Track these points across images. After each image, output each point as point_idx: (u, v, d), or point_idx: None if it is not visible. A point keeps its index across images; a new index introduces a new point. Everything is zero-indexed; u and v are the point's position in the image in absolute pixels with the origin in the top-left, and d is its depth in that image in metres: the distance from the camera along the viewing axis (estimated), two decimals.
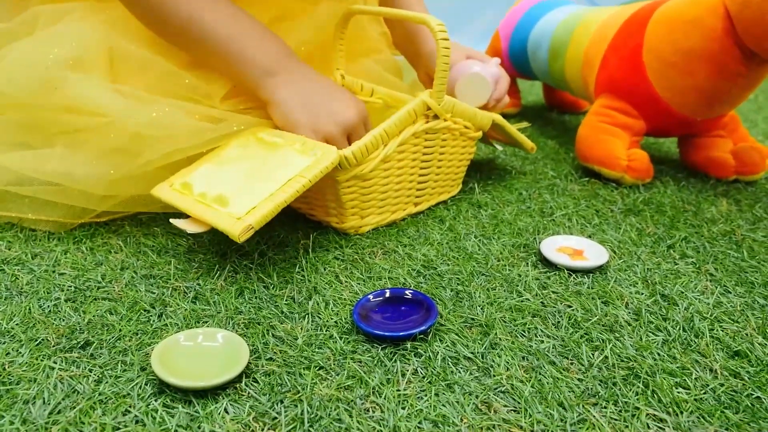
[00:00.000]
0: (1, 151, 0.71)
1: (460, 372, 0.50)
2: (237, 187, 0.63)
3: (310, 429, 0.44)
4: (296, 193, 0.61)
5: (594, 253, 0.67)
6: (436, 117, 0.73)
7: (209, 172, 0.67)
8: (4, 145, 0.72)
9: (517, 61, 1.21)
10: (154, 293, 0.60)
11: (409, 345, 0.53)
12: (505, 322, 0.56)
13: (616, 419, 0.45)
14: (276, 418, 0.44)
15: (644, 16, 0.88)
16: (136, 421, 0.44)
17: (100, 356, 0.51)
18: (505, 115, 1.00)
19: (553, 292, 0.61)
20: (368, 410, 0.45)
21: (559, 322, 0.56)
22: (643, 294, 0.61)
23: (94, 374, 0.48)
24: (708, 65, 0.80)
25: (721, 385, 0.48)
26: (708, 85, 0.81)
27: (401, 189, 0.75)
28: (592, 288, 0.62)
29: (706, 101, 0.84)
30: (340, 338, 0.54)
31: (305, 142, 0.66)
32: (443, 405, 0.46)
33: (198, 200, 0.63)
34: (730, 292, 0.62)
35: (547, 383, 0.48)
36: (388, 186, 0.73)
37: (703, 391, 0.48)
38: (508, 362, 0.51)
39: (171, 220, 0.63)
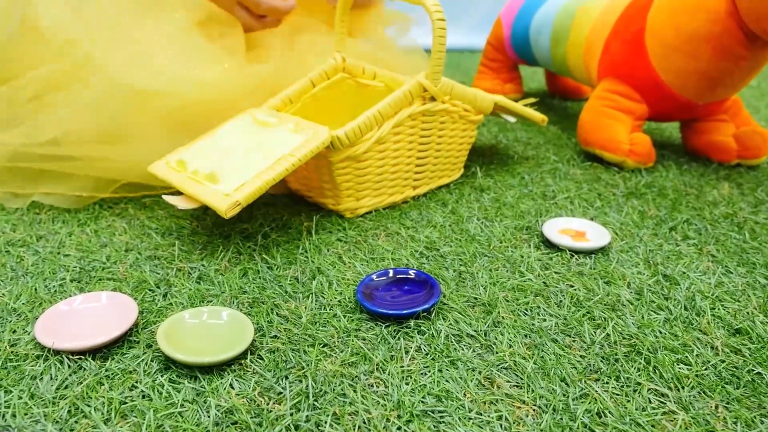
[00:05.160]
0: None
1: (463, 349, 0.50)
2: (228, 165, 0.64)
3: (315, 403, 0.44)
4: (285, 171, 0.61)
5: (596, 235, 0.67)
6: (433, 99, 0.73)
7: (204, 149, 0.68)
8: None
9: (520, 48, 1.21)
10: (159, 273, 0.60)
11: (412, 323, 0.53)
12: (507, 301, 0.56)
13: (618, 394, 0.45)
14: (281, 393, 0.45)
15: (647, 0, 0.88)
16: (143, 396, 0.44)
17: None
18: None
19: (556, 273, 0.61)
20: (372, 385, 0.46)
21: (561, 301, 0.57)
22: (645, 274, 0.61)
23: (101, 351, 0.49)
24: (711, 48, 0.80)
25: (722, 361, 0.49)
26: (710, 68, 0.81)
27: (398, 171, 0.74)
28: (594, 268, 0.62)
29: (708, 84, 0.84)
30: (344, 317, 0.54)
31: (298, 123, 0.66)
32: (447, 381, 0.46)
33: (190, 177, 0.64)
34: (732, 273, 0.62)
35: (550, 360, 0.49)
36: (384, 168, 0.72)
37: (705, 368, 0.48)
38: (510, 340, 0.51)
39: (163, 197, 0.64)
